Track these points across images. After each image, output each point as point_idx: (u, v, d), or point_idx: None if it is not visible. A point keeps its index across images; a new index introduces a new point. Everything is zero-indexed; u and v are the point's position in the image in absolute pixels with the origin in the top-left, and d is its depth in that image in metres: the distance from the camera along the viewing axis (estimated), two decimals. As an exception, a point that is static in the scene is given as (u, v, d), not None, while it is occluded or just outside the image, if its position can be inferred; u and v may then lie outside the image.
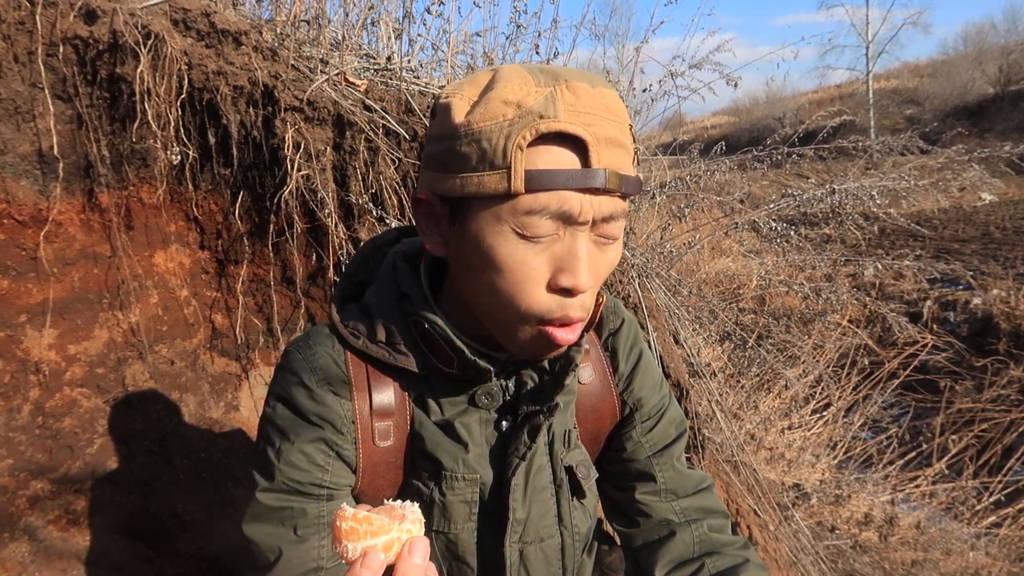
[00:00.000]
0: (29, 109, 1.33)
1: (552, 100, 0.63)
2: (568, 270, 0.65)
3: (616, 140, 0.64)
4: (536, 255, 0.65)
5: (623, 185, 0.64)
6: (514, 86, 0.64)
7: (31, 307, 1.37)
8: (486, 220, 0.65)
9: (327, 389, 0.75)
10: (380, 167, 1.69)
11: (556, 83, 0.64)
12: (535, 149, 0.62)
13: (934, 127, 14.82)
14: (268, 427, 0.76)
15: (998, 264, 7.96)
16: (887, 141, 3.30)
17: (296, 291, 1.79)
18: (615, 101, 0.66)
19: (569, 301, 0.67)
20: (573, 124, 0.62)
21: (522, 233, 0.64)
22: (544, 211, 0.63)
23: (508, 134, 0.62)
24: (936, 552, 2.71)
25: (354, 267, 0.86)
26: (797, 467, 3.07)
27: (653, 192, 2.83)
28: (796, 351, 3.51)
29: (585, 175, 0.62)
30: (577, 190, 0.63)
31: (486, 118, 0.64)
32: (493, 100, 0.64)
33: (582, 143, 0.62)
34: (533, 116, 0.62)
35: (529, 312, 0.67)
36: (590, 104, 0.63)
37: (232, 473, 1.63)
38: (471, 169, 0.64)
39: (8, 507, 1.30)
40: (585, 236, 0.66)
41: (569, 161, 0.63)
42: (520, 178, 0.62)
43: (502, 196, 0.63)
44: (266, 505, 0.73)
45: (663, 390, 0.92)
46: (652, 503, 0.87)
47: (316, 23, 1.80)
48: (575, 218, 0.64)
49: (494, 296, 0.68)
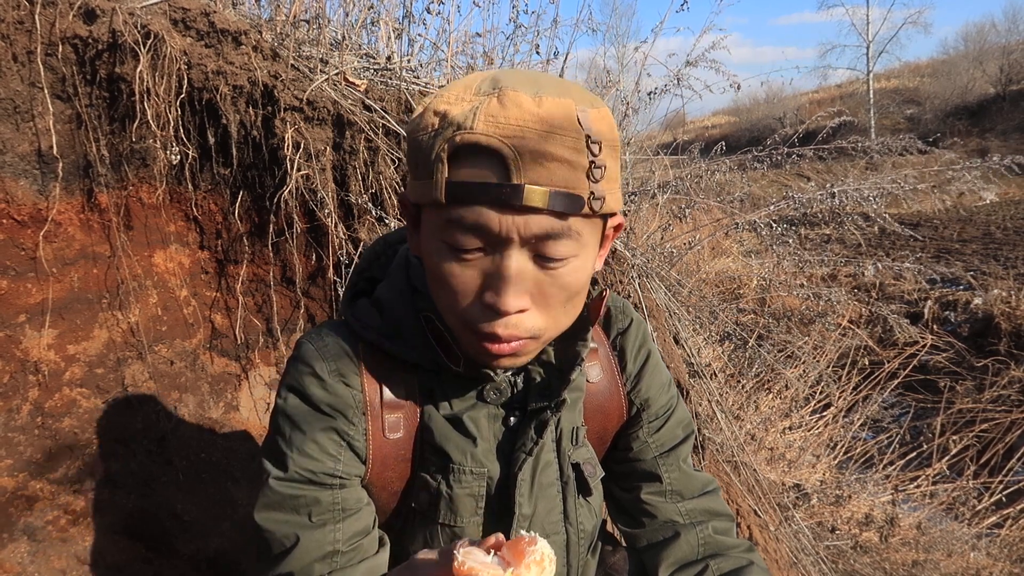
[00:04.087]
0: (28, 109, 1.33)
1: (474, 111, 0.60)
2: (492, 289, 0.64)
3: (550, 154, 0.59)
4: (464, 269, 0.64)
5: (552, 203, 0.60)
6: (451, 94, 0.64)
7: (30, 307, 1.37)
8: (429, 228, 0.67)
9: (339, 380, 0.76)
10: (380, 167, 1.69)
11: (492, 93, 0.61)
12: (459, 160, 0.61)
13: (934, 127, 14.82)
14: (280, 417, 0.76)
15: (999, 264, 7.95)
16: (886, 142, 3.30)
17: (296, 291, 1.79)
18: (561, 111, 0.61)
19: (497, 320, 0.65)
20: (489, 137, 0.59)
21: (450, 245, 0.64)
22: (463, 225, 0.61)
23: (432, 144, 0.62)
24: (937, 553, 2.70)
25: (365, 263, 0.87)
26: (797, 467, 3.06)
27: (653, 192, 2.82)
28: (796, 351, 3.51)
29: (499, 190, 0.59)
30: (496, 207, 0.60)
31: (420, 127, 0.64)
32: (428, 109, 0.64)
33: (500, 157, 0.59)
34: (453, 127, 0.61)
35: (461, 321, 0.68)
36: (518, 115, 0.59)
37: (232, 473, 1.63)
38: (417, 177, 0.66)
39: (7, 507, 1.30)
40: (516, 255, 0.62)
41: (491, 175, 0.60)
42: (441, 189, 0.61)
43: (435, 205, 0.63)
44: (280, 493, 0.73)
45: (671, 391, 0.92)
46: (657, 504, 0.87)
47: (316, 23, 1.79)
48: (496, 235, 0.61)
49: (439, 301, 0.70)
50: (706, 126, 28.69)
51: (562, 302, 0.68)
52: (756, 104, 27.41)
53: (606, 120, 0.65)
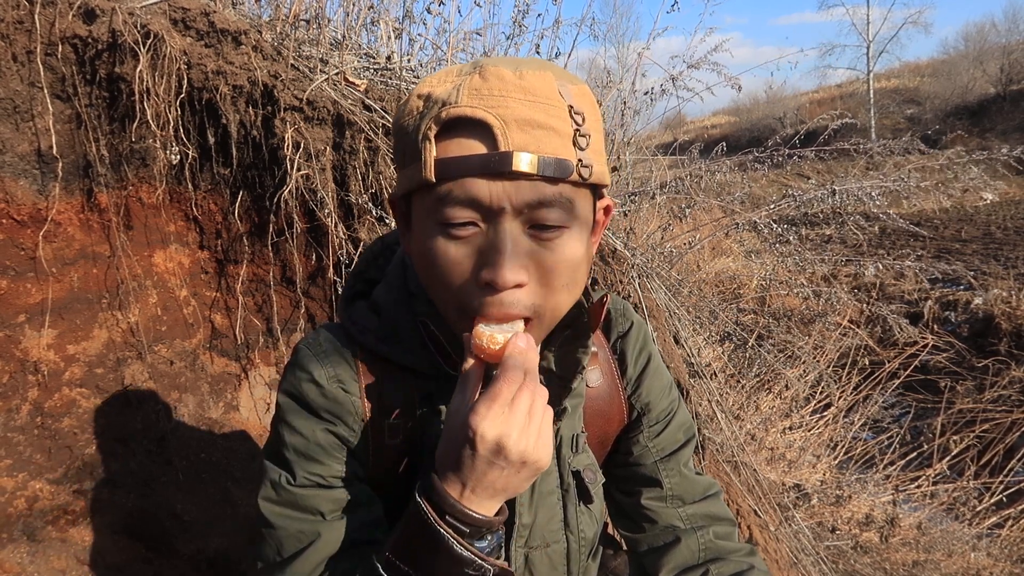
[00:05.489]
0: (28, 109, 1.33)
1: (457, 88, 0.62)
2: (489, 264, 0.63)
3: (535, 121, 0.60)
4: (459, 249, 0.64)
5: (543, 168, 0.60)
6: (434, 79, 0.65)
7: (30, 307, 1.37)
8: (420, 216, 0.66)
9: (337, 386, 0.75)
10: (380, 167, 1.69)
11: (472, 71, 0.63)
12: (447, 138, 0.62)
13: (935, 128, 14.82)
14: (281, 425, 0.76)
15: (999, 264, 7.95)
16: (887, 143, 3.30)
17: (296, 291, 1.79)
18: (542, 84, 0.62)
19: (493, 297, 0.64)
20: (475, 108, 0.60)
21: (443, 225, 0.63)
22: (454, 199, 0.62)
23: (418, 126, 0.63)
24: (937, 553, 2.70)
25: (363, 264, 0.87)
26: (798, 467, 3.06)
27: (653, 192, 2.82)
28: (796, 351, 3.51)
29: (488, 159, 0.60)
30: (486, 176, 0.60)
31: (405, 113, 0.66)
32: (412, 95, 0.66)
33: (487, 127, 0.60)
34: (438, 105, 0.62)
35: (457, 305, 0.67)
36: (500, 87, 0.61)
37: (231, 473, 1.63)
38: (404, 165, 0.66)
39: (7, 507, 1.30)
40: (509, 227, 0.62)
41: (477, 147, 0.61)
42: (430, 168, 0.61)
43: (424, 189, 0.63)
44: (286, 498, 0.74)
45: (672, 394, 0.91)
46: (658, 508, 0.87)
47: (316, 22, 1.79)
48: (487, 206, 0.61)
49: (434, 291, 0.69)
50: (706, 126, 28.68)
51: (560, 279, 0.66)
52: (756, 104, 27.41)
53: (587, 96, 0.66)
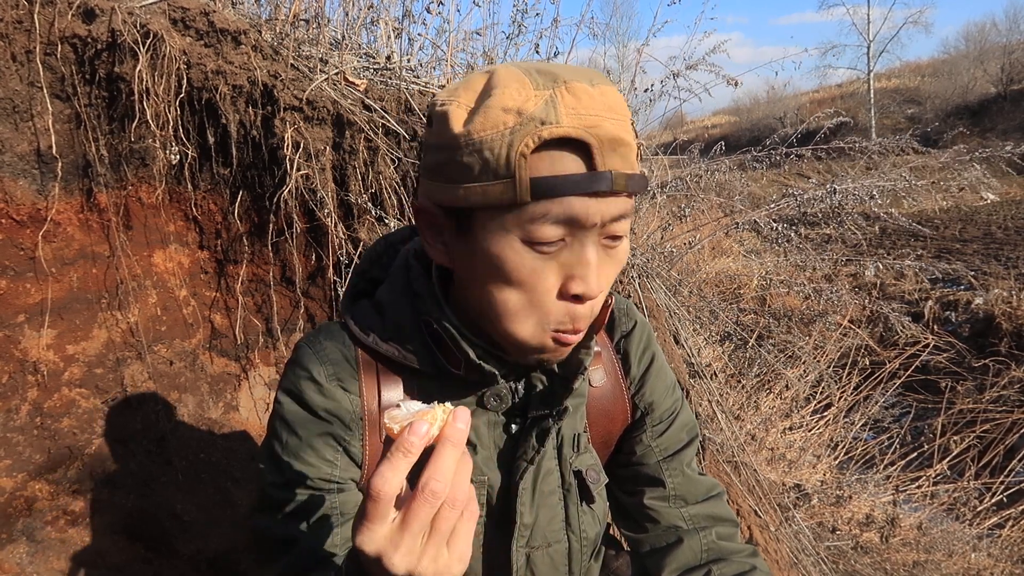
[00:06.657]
0: (27, 108, 1.33)
1: (553, 104, 0.61)
2: (578, 277, 0.65)
3: (620, 139, 0.62)
4: (545, 263, 0.64)
5: (630, 185, 0.63)
6: (512, 91, 0.62)
7: (29, 307, 1.37)
8: (492, 231, 0.64)
9: (336, 384, 0.75)
10: (380, 167, 1.69)
11: (555, 85, 0.62)
12: (538, 155, 0.61)
13: (935, 127, 14.82)
14: (278, 422, 0.76)
15: (1000, 264, 7.95)
16: (884, 142, 3.30)
17: (296, 291, 1.79)
18: (616, 98, 0.64)
19: (579, 309, 0.66)
20: (576, 128, 0.60)
21: (530, 242, 0.63)
22: (551, 218, 0.62)
23: (510, 142, 0.61)
24: (938, 553, 2.70)
25: (366, 263, 0.86)
26: (798, 468, 3.06)
27: (653, 192, 2.82)
28: (797, 351, 3.51)
29: (591, 179, 0.61)
30: (584, 195, 0.61)
31: (486, 127, 0.62)
32: (492, 108, 0.62)
33: (586, 147, 0.61)
34: (535, 123, 0.60)
35: (542, 322, 0.67)
36: (591, 105, 0.61)
37: (231, 473, 1.63)
38: (474, 180, 0.63)
39: (6, 508, 1.30)
40: (593, 240, 0.65)
41: (574, 166, 0.61)
42: (525, 187, 0.61)
43: (507, 206, 0.62)
44: (277, 498, 0.73)
45: (675, 394, 0.91)
46: (661, 509, 0.87)
47: (315, 22, 1.79)
48: (583, 223, 0.62)
49: (503, 307, 0.67)
50: (706, 126, 28.69)
51: (611, 284, 0.70)
52: (757, 104, 27.43)
53: None
